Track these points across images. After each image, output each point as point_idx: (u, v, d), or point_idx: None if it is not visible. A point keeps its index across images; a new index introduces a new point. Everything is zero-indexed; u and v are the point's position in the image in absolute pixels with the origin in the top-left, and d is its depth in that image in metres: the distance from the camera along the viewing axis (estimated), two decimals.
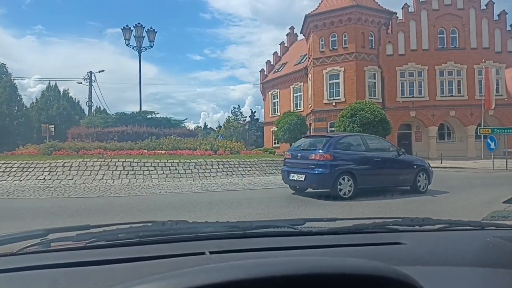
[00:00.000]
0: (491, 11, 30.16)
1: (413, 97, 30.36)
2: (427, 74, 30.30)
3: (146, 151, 13.48)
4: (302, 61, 36.64)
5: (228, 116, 52.88)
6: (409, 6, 30.60)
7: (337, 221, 1.50)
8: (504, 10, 30.12)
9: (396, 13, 30.77)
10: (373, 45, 30.52)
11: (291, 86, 37.30)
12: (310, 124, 31.61)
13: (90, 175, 10.85)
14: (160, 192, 9.18)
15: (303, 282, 0.55)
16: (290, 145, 30.75)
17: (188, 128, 20.73)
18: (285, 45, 44.78)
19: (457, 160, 24.80)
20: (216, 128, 55.65)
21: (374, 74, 30.59)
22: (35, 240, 1.09)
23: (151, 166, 11.48)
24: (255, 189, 9.99)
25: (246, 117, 55.03)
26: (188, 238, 1.14)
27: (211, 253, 0.98)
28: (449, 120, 30.89)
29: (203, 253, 0.98)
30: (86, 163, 11.25)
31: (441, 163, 21.78)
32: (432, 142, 30.31)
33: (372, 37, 30.55)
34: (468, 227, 1.41)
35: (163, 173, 11.39)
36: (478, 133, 22.55)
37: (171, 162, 11.84)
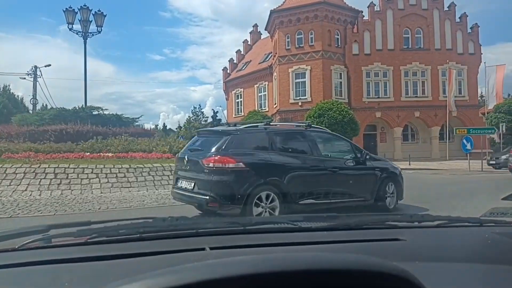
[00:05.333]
0: (453, 13, 30.39)
1: (378, 97, 29.90)
2: (393, 75, 29.96)
3: (88, 154, 11.17)
4: (267, 59, 35.25)
5: (189, 116, 50.35)
6: (375, 5, 30.14)
7: (337, 218, 1.46)
8: (465, 12, 30.48)
9: (362, 12, 30.23)
10: (340, 44, 29.72)
11: (255, 85, 35.78)
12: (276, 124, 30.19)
13: (10, 185, 8.52)
14: (99, 209, 7.04)
15: (302, 277, 0.55)
16: None
17: (143, 127, 18.27)
18: (249, 43, 43.27)
19: (422, 162, 24.42)
20: (176, 128, 52.89)
21: (341, 73, 29.78)
22: (37, 235, 1.09)
23: (92, 173, 9.28)
24: None
25: (207, 117, 52.83)
26: (188, 234, 1.14)
27: (211, 249, 0.98)
28: (413, 121, 30.74)
29: (203, 249, 0.98)
30: (5, 170, 8.86)
31: (410, 164, 21.16)
32: (397, 143, 29.99)
33: (338, 35, 29.73)
34: (467, 224, 1.40)
35: (108, 181, 9.22)
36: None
37: (119, 168, 9.67)
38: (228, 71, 41.23)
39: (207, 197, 5.28)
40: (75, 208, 7.02)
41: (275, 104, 31.32)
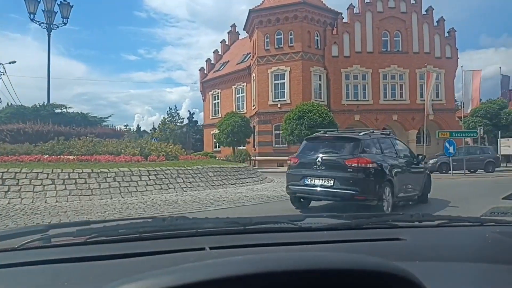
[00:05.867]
0: (431, 17, 30.57)
1: (357, 100, 29.67)
2: (371, 77, 29.81)
3: (47, 156, 9.95)
4: (245, 60, 34.49)
5: (164, 118, 48.79)
6: (354, 7, 29.92)
7: (337, 217, 1.48)
8: (442, 16, 30.71)
9: (342, 14, 29.95)
10: (319, 45, 29.32)
11: (233, 86, 34.94)
12: (254, 126, 29.42)
13: None
14: (50, 222, 5.95)
15: (302, 277, 0.56)
16: (233, 149, 28.96)
17: (113, 127, 16.95)
18: (226, 43, 42.43)
19: None
20: (150, 130, 51.20)
21: (320, 75, 29.37)
22: (36, 235, 1.09)
23: (47, 178, 8.10)
24: (202, 210, 7.25)
25: (183, 118, 51.52)
26: (188, 234, 1.14)
27: (211, 248, 0.99)
28: (391, 124, 30.65)
29: (203, 249, 0.98)
30: None
31: None
32: None
33: (318, 37, 29.33)
34: (467, 223, 1.41)
35: (65, 188, 8.07)
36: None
37: (79, 173, 8.52)
38: (205, 72, 40.20)
39: (353, 192, 6.34)
40: (19, 221, 5.89)
41: (254, 105, 30.56)
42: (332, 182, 6.54)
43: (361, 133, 7.34)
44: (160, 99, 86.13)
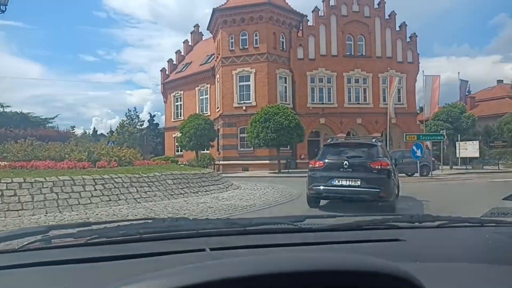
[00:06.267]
0: (393, 22, 31.02)
1: (323, 103, 29.45)
2: (336, 81, 29.72)
3: None
4: (209, 60, 33.39)
5: (122, 120, 46.38)
6: (319, 10, 29.74)
7: (337, 218, 1.46)
8: (404, 22, 31.23)
9: (307, 16, 29.66)
10: (285, 47, 28.84)
11: (196, 88, 33.69)
12: (218, 129, 28.36)
13: None
14: None
15: (303, 278, 0.56)
16: (196, 153, 27.74)
17: (58, 129, 15.19)
18: (189, 43, 41.08)
19: None
20: (108, 133, 48.54)
21: (286, 78, 28.87)
22: (37, 236, 1.09)
23: None
24: None
25: (143, 121, 49.36)
26: (188, 234, 1.14)
27: (211, 249, 0.99)
28: (355, 127, 30.74)
29: (203, 250, 0.99)
30: None
31: None
32: None
33: (283, 38, 28.84)
34: (468, 224, 1.40)
35: None
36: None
37: (7, 183, 7.05)
38: (167, 72, 38.61)
39: (378, 190, 7.22)
40: None
41: (218, 107, 29.51)
42: (359, 182, 7.44)
43: (373, 140, 8.62)
44: (120, 102, 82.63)
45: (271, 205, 8.63)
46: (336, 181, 7.62)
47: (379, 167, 7.47)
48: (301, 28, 29.51)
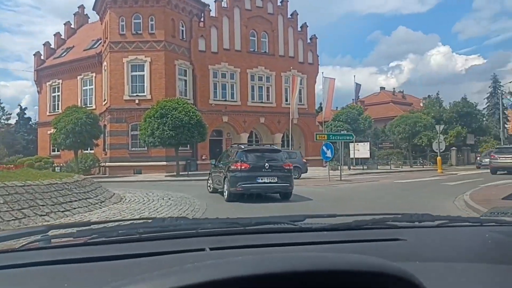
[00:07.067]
0: (295, 21, 30.88)
1: (225, 100, 27.69)
2: (240, 77, 28.26)
3: None
4: (95, 46, 28.83)
5: None
6: (222, 1, 27.88)
7: (337, 217, 1.46)
8: (306, 23, 31.36)
9: (209, 6, 27.54)
10: (185, 36, 26.22)
11: (79, 77, 28.84)
12: (105, 125, 24.34)
13: None
14: None
15: (303, 278, 0.56)
16: (76, 153, 23.15)
17: None
18: (72, 26, 35.36)
19: None
20: None
21: (186, 70, 26.27)
22: (36, 236, 1.09)
23: None
24: None
25: (10, 114, 41.25)
26: (188, 234, 1.14)
27: (211, 249, 0.99)
28: (258, 127, 29.76)
29: (203, 250, 0.98)
30: None
31: None
32: None
33: (183, 27, 26.19)
34: (467, 223, 1.41)
35: None
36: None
37: None
38: (43, 57, 32.45)
39: (288, 184, 9.72)
40: None
41: (105, 100, 25.38)
42: (276, 179, 9.49)
43: (270, 146, 12.33)
44: None
45: None
46: (260, 179, 9.49)
47: (288, 167, 9.94)
48: (203, 19, 27.27)
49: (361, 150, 26.08)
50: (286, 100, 29.67)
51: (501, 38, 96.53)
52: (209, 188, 11.77)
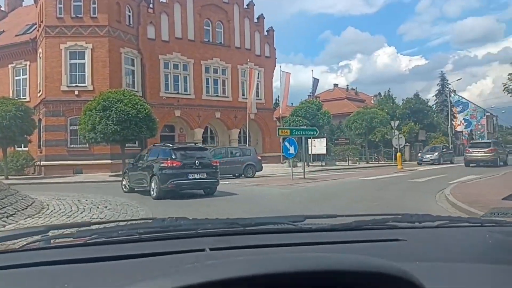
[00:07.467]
0: (252, 12, 29.63)
1: (178, 93, 25.83)
2: (193, 69, 26.50)
3: None
4: (29, 31, 25.67)
5: None
6: None
7: (337, 218, 1.46)
8: (262, 14, 30.21)
9: None
10: (132, 23, 23.99)
11: (10, 65, 25.57)
12: (40, 119, 21.58)
13: None
14: None
15: (303, 278, 0.56)
16: (4, 151, 19.99)
17: None
18: (3, 9, 31.57)
19: None
20: None
21: (133, 59, 24.08)
22: (36, 237, 1.09)
23: None
24: None
25: None
26: (188, 235, 1.14)
27: (211, 249, 0.99)
28: (214, 122, 28.21)
29: (203, 250, 0.98)
30: None
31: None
32: None
33: (130, 12, 23.95)
34: (468, 224, 1.40)
35: None
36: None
37: None
38: None
39: (216, 180, 10.38)
40: None
41: (40, 91, 22.53)
42: (205, 175, 10.22)
43: (195, 144, 13.40)
44: None
45: None
46: (191, 175, 9.93)
47: (216, 164, 10.58)
48: (152, 4, 25.15)
49: (317, 146, 25.45)
50: (243, 94, 28.38)
51: (440, 40, 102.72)
52: (124, 188, 11.66)
